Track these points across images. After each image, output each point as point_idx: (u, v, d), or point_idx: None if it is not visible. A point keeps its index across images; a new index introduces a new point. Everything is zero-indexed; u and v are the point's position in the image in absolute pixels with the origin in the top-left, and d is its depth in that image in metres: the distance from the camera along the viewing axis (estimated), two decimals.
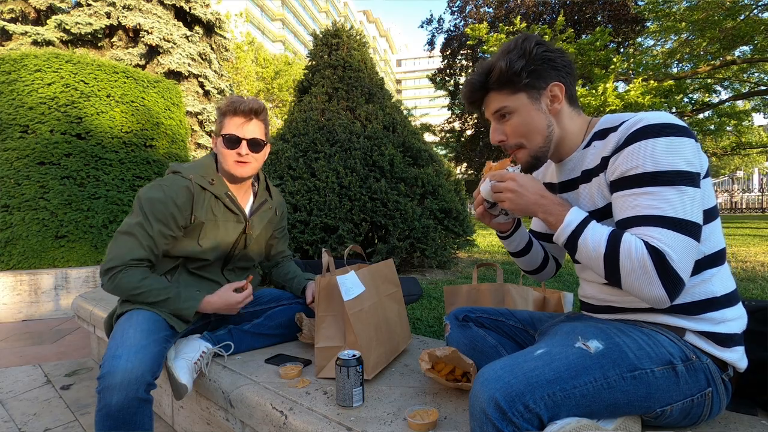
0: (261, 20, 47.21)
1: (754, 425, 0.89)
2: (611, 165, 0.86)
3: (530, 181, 0.92)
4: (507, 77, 0.93)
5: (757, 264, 4.25)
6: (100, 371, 1.14)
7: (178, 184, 1.37)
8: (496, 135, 0.99)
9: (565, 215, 0.87)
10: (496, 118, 0.99)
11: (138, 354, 1.16)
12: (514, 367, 0.76)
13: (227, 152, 1.42)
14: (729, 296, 0.86)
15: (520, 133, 0.96)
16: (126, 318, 1.29)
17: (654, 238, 0.76)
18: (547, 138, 0.96)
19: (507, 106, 0.95)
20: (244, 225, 1.52)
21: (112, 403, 1.10)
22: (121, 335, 1.22)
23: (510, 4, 17.12)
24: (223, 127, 1.43)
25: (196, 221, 1.40)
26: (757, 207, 20.20)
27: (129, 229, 1.33)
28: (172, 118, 4.66)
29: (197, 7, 11.81)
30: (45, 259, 3.69)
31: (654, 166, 0.79)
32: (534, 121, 0.94)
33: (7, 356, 2.58)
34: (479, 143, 20.09)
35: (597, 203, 0.92)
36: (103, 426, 1.11)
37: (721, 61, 12.84)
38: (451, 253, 4.54)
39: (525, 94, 0.93)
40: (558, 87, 0.94)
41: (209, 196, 1.43)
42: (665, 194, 0.78)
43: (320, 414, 1.03)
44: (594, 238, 0.82)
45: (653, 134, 0.80)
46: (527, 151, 0.97)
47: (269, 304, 1.64)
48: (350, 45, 4.54)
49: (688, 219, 0.77)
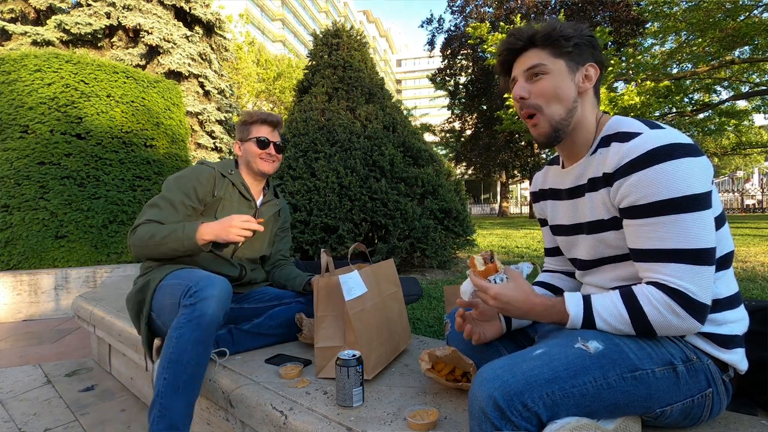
0: (261, 20, 47.21)
1: (754, 425, 0.89)
2: (618, 189, 0.84)
3: (514, 292, 0.89)
4: (555, 38, 0.91)
5: (757, 264, 4.25)
6: (195, 288, 1.24)
7: (203, 168, 1.61)
8: (520, 90, 0.94)
9: (565, 311, 0.86)
10: (526, 76, 0.94)
11: (225, 281, 1.30)
12: (512, 367, 0.76)
13: (259, 151, 1.67)
14: (731, 299, 0.86)
15: (547, 95, 0.92)
16: (186, 268, 1.43)
17: (672, 278, 0.77)
18: (569, 112, 0.92)
19: (545, 65, 0.91)
20: (255, 211, 1.71)
21: (208, 312, 1.21)
22: (198, 273, 1.35)
23: (510, 4, 17.12)
24: (251, 132, 1.68)
25: (216, 197, 1.59)
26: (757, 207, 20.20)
27: (154, 201, 1.51)
28: (172, 118, 4.66)
29: (197, 7, 11.80)
30: (45, 259, 3.69)
31: (664, 193, 0.77)
32: (564, 88, 0.91)
33: (7, 356, 2.58)
34: (479, 143, 20.10)
35: (602, 215, 0.91)
36: (190, 337, 1.19)
37: (720, 61, 12.84)
38: (451, 253, 4.54)
39: (565, 61, 0.91)
40: (594, 69, 0.92)
41: (228, 183, 1.64)
42: (678, 224, 0.77)
43: (320, 414, 1.03)
44: (609, 311, 0.83)
45: (660, 159, 0.78)
46: (546, 117, 0.93)
47: (271, 302, 1.65)
48: (350, 45, 4.54)
49: (703, 247, 0.77)
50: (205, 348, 1.22)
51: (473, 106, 20.99)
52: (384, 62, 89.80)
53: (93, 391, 2.06)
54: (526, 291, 0.90)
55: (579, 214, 0.98)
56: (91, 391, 2.07)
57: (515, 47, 0.96)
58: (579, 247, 1.00)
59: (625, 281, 0.91)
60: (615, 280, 0.93)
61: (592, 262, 0.97)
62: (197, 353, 1.20)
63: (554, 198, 1.08)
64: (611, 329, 0.83)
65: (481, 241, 7.03)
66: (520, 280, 0.92)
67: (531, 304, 0.88)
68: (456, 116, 22.34)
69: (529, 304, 0.88)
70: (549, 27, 0.92)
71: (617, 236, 0.89)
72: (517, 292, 0.89)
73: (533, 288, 0.93)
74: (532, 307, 0.88)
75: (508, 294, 0.89)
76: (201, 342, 1.20)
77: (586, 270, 1.01)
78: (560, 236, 1.08)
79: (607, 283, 0.95)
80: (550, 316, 0.88)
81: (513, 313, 0.90)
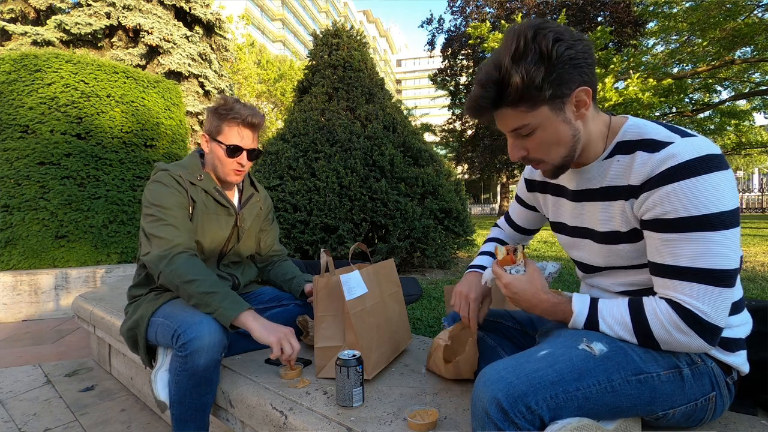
0: (261, 20, 47.20)
1: (754, 425, 0.89)
2: (643, 200, 0.80)
3: (525, 285, 0.91)
4: (525, 93, 0.77)
5: (757, 264, 4.25)
6: (183, 338, 1.19)
7: (170, 178, 1.41)
8: (517, 152, 0.88)
9: (570, 308, 0.86)
10: (514, 135, 0.86)
11: (209, 323, 1.23)
12: (516, 368, 0.75)
13: (228, 161, 1.45)
14: (736, 304, 0.85)
15: (544, 149, 0.86)
16: (172, 303, 1.34)
17: (686, 298, 0.75)
18: (572, 148, 0.86)
19: (528, 124, 0.82)
20: (236, 218, 1.55)
21: (200, 364, 1.19)
22: (185, 310, 1.27)
23: (511, 5, 17.11)
24: (223, 133, 1.43)
25: (196, 209, 1.43)
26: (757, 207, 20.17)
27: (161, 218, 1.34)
28: (172, 118, 4.66)
29: (197, 8, 11.80)
30: (45, 259, 3.69)
31: (695, 210, 0.73)
32: (559, 134, 0.83)
33: (7, 356, 2.58)
34: (480, 144, 20.09)
35: (620, 227, 0.87)
36: (187, 384, 1.19)
37: (720, 61, 12.84)
38: (451, 253, 4.54)
39: (547, 106, 0.80)
40: (585, 92, 0.80)
41: (199, 190, 1.46)
42: (704, 242, 0.74)
43: (320, 414, 1.03)
44: (614, 316, 0.82)
45: (696, 172, 0.73)
46: (551, 163, 0.88)
47: (269, 304, 1.64)
48: (350, 45, 4.54)
49: (727, 268, 0.74)
50: (206, 387, 1.23)
51: None
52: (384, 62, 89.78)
53: (93, 391, 2.06)
54: (537, 286, 0.91)
55: (586, 219, 0.96)
56: (91, 391, 2.07)
57: (482, 116, 0.85)
58: (585, 252, 0.98)
59: (633, 287, 0.90)
60: (622, 285, 0.93)
61: (602, 267, 0.96)
62: (198, 394, 1.22)
63: (557, 194, 1.05)
64: (614, 334, 0.82)
65: (481, 241, 7.01)
66: (534, 275, 0.93)
67: (538, 299, 0.90)
68: (456, 116, 22.33)
69: (536, 299, 0.90)
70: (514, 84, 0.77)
71: (632, 248, 0.87)
72: (528, 285, 0.91)
73: (546, 285, 0.93)
74: (539, 302, 0.90)
75: (518, 285, 0.91)
76: (200, 385, 1.21)
77: (593, 273, 0.99)
78: (561, 235, 1.06)
79: (613, 287, 0.95)
80: (555, 313, 0.89)
81: (521, 304, 0.92)
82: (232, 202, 1.54)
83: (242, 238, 1.59)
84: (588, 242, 0.97)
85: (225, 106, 1.43)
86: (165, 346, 1.36)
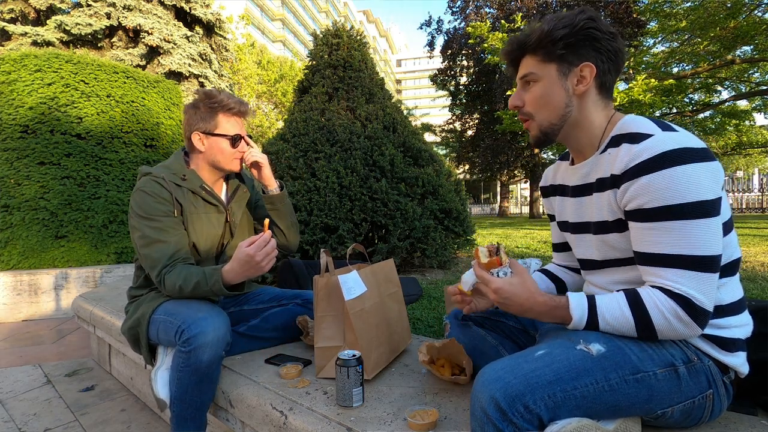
0: (261, 20, 47.21)
1: (754, 425, 0.89)
2: (625, 192, 0.82)
3: (517, 288, 0.87)
4: (543, 42, 0.88)
5: (757, 264, 4.25)
6: (188, 333, 1.20)
7: (154, 184, 1.40)
8: (515, 100, 0.96)
9: (569, 310, 0.85)
10: (522, 84, 0.95)
11: (219, 315, 1.27)
12: (514, 368, 0.76)
13: (231, 151, 1.46)
14: (735, 305, 0.86)
15: (537, 104, 0.93)
16: (172, 300, 1.36)
17: (676, 284, 0.77)
18: (562, 117, 0.92)
19: (534, 74, 0.91)
20: (226, 214, 1.54)
21: (203, 360, 1.20)
22: (188, 306, 1.29)
23: (511, 5, 17.11)
24: (220, 126, 1.44)
25: (184, 211, 1.42)
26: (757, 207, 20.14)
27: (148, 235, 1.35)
28: (172, 118, 4.67)
29: (197, 8, 11.80)
30: (45, 259, 3.69)
31: (672, 199, 0.76)
32: (553, 97, 0.90)
33: (7, 356, 2.58)
34: (480, 144, 20.08)
35: (607, 216, 0.90)
36: (189, 381, 1.20)
37: (720, 60, 12.83)
38: (452, 253, 4.54)
39: (556, 65, 0.89)
40: (589, 68, 0.88)
41: (186, 191, 1.45)
42: (684, 230, 0.76)
43: (320, 414, 1.03)
44: (614, 314, 0.82)
45: (671, 163, 0.76)
46: (536, 123, 0.94)
47: (269, 303, 1.64)
48: (350, 45, 4.54)
49: (708, 254, 0.76)
50: (208, 384, 1.24)
51: (474, 107, 20.99)
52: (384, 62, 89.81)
53: (93, 391, 2.06)
54: (530, 289, 0.87)
55: (585, 213, 0.98)
56: (91, 391, 2.07)
57: (512, 56, 0.97)
58: (586, 246, 1.00)
59: (628, 284, 0.90)
60: (618, 283, 0.93)
61: (599, 263, 0.96)
62: (200, 391, 1.23)
63: (562, 194, 1.07)
64: (613, 330, 0.83)
65: (481, 241, 7.02)
66: (524, 276, 0.89)
67: (533, 303, 0.86)
68: (456, 117, 22.34)
69: (531, 302, 0.86)
70: (539, 30, 0.89)
71: (620, 239, 0.88)
72: (521, 288, 0.87)
73: (537, 284, 0.90)
74: (534, 305, 0.86)
75: (510, 289, 0.87)
76: (202, 382, 1.23)
77: (592, 270, 1.00)
78: (567, 233, 1.07)
79: (610, 285, 0.95)
80: (552, 316, 0.87)
81: (513, 309, 0.89)
82: (221, 198, 1.53)
83: (235, 233, 1.58)
84: (587, 236, 0.98)
85: (214, 99, 1.43)
86: (167, 344, 1.36)
